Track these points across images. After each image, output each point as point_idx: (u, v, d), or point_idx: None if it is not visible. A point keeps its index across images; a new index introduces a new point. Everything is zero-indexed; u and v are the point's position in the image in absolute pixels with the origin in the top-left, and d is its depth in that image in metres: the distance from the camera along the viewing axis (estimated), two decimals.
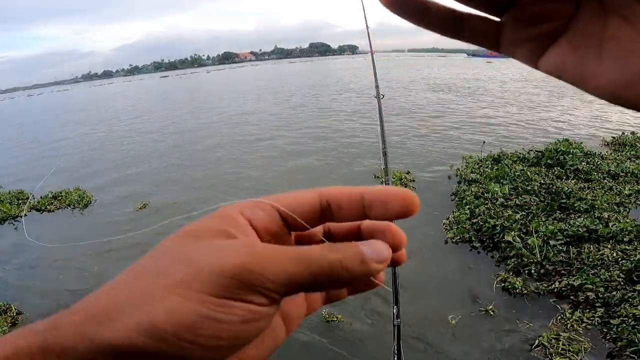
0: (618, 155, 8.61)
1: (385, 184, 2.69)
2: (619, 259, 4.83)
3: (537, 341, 3.76)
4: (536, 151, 8.64)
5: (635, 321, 3.87)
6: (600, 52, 0.29)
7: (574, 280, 4.51)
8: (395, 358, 1.98)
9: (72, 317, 0.29)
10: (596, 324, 3.94)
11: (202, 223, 0.33)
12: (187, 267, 0.29)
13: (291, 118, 16.91)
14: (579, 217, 5.82)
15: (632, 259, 4.78)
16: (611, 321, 3.90)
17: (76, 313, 0.29)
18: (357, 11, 3.70)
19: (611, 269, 4.66)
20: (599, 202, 6.23)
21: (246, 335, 0.31)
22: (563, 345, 3.71)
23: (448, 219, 6.17)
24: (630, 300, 4.15)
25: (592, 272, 4.63)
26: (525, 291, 4.49)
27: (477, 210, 6.19)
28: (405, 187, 6.06)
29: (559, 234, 5.39)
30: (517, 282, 4.60)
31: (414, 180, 7.48)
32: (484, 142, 9.33)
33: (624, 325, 3.88)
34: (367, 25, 3.71)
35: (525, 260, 4.93)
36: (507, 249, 5.23)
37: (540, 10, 0.30)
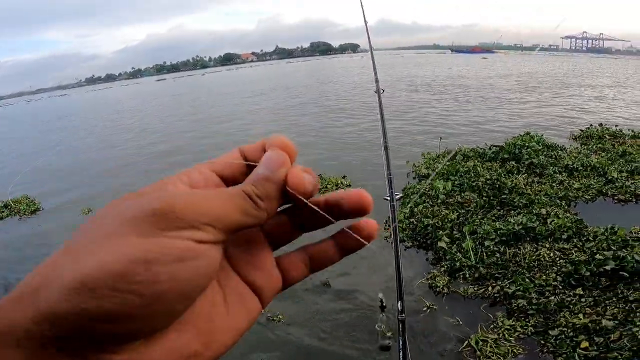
0: (584, 149, 8.24)
1: (388, 178, 2.67)
2: (557, 259, 4.45)
3: (465, 342, 3.47)
4: (494, 145, 8.38)
5: (575, 332, 3.45)
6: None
7: (507, 287, 4.11)
8: (401, 353, 1.97)
9: (10, 296, 0.28)
10: (529, 333, 3.55)
11: (139, 191, 0.34)
12: (114, 219, 0.30)
13: None
14: (518, 213, 5.45)
15: (570, 258, 4.41)
16: (550, 332, 3.50)
17: (13, 292, 0.28)
18: (358, 9, 3.67)
19: (548, 271, 4.27)
20: (539, 197, 5.86)
21: (186, 277, 0.29)
22: (490, 348, 3.41)
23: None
24: (571, 307, 3.72)
25: (528, 275, 4.24)
26: (447, 291, 4.17)
27: (417, 208, 5.87)
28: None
29: (493, 233, 4.99)
30: (441, 281, 4.28)
31: (349, 185, 6.95)
32: (440, 137, 9.06)
33: (563, 336, 3.48)
34: (365, 22, 3.67)
35: (458, 264, 4.54)
36: (440, 251, 4.88)
37: None
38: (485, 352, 3.41)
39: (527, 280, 4.14)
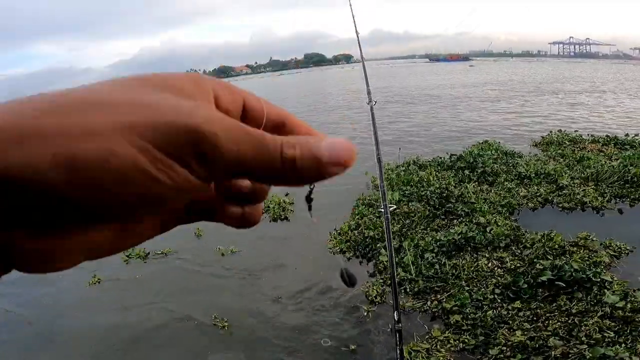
0: (543, 156, 8.05)
1: (380, 190, 2.62)
2: (495, 269, 4.22)
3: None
4: (452, 155, 8.20)
5: (513, 351, 3.16)
6: None
7: (445, 301, 3.85)
8: None
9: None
10: (462, 347, 3.31)
11: (170, 77, 0.28)
12: (143, 112, 0.24)
13: None
14: (461, 222, 5.24)
15: (508, 267, 4.19)
16: (490, 351, 3.22)
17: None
18: (350, 20, 3.60)
19: (488, 282, 4.01)
20: (480, 205, 5.62)
21: (163, 202, 0.25)
22: (421, 359, 3.25)
23: (335, 229, 5.55)
24: (510, 322, 3.45)
25: (467, 288, 3.98)
26: (380, 301, 4.01)
27: (362, 220, 5.62)
28: (284, 211, 5.07)
29: (433, 245, 4.73)
30: (374, 291, 4.08)
31: (292, 203, 6.47)
32: (400, 148, 8.84)
33: (502, 356, 3.18)
34: (357, 33, 3.62)
35: (397, 278, 4.06)
36: (380, 265, 4.60)
37: None
38: None
39: (465, 294, 3.88)
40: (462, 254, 4.63)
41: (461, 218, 5.43)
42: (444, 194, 6.18)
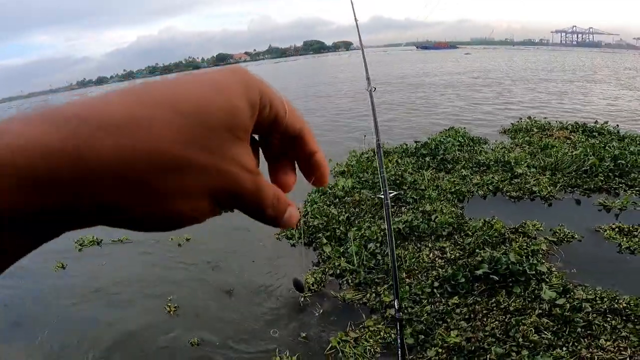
0: (510, 143, 7.82)
1: (380, 177, 2.64)
2: (436, 259, 4.01)
3: (329, 345, 3.18)
4: (416, 142, 7.98)
5: (449, 354, 2.95)
6: None
7: (384, 294, 3.65)
8: (399, 350, 1.99)
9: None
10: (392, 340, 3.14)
11: (239, 106, 0.29)
12: (223, 180, 0.28)
13: None
14: (409, 210, 5.06)
15: (448, 257, 4.00)
16: (427, 352, 3.03)
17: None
18: (349, 6, 3.56)
19: (428, 274, 3.79)
20: (429, 193, 5.44)
21: (171, 217, 0.28)
22: (350, 348, 3.12)
23: None
24: (448, 320, 3.22)
25: (408, 281, 3.78)
26: (317, 289, 3.90)
27: (311, 208, 5.45)
28: None
29: (378, 234, 4.51)
30: (311, 279, 3.97)
31: None
32: (365, 135, 8.22)
33: (437, 358, 2.96)
34: (355, 19, 3.57)
35: (338, 270, 4.11)
36: (324, 254, 4.44)
37: None
38: (347, 353, 3.08)
39: (406, 287, 3.66)
40: (406, 243, 4.41)
41: (409, 205, 5.22)
42: (398, 181, 5.95)
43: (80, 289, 4.41)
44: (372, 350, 3.11)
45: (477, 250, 3.96)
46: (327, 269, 4.16)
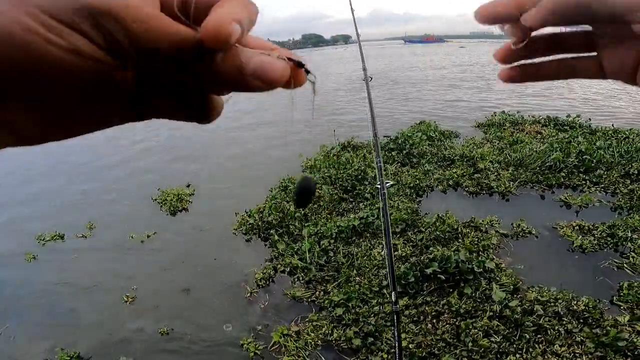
0: (482, 138, 7.66)
1: (377, 166, 2.48)
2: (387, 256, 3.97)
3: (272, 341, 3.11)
4: (385, 136, 7.82)
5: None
6: None
7: (332, 293, 3.46)
8: (396, 342, 1.97)
9: None
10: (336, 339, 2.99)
11: None
12: None
13: None
14: (366, 206, 4.89)
15: (399, 253, 3.82)
16: (373, 357, 2.83)
17: None
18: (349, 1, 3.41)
19: (379, 272, 3.61)
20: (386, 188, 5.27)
21: (65, 71, 0.23)
22: (292, 342, 3.03)
23: (246, 211, 5.22)
24: (391, 327, 2.92)
25: (357, 278, 3.61)
26: (264, 285, 3.81)
27: (269, 203, 5.25)
28: (181, 202, 5.73)
29: (332, 230, 4.32)
30: (260, 274, 3.84)
31: (192, 194, 6.11)
32: (334, 130, 8.42)
33: None
34: (352, 11, 3.50)
35: (289, 268, 3.96)
36: (276, 250, 4.29)
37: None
38: (289, 347, 2.98)
39: (355, 286, 3.47)
40: (361, 240, 4.21)
41: (367, 201, 5.04)
42: (360, 176, 5.79)
43: (44, 283, 4.33)
44: (312, 343, 2.98)
45: (430, 248, 3.76)
46: (278, 266, 3.95)
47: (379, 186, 2.37)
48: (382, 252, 3.91)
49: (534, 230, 4.07)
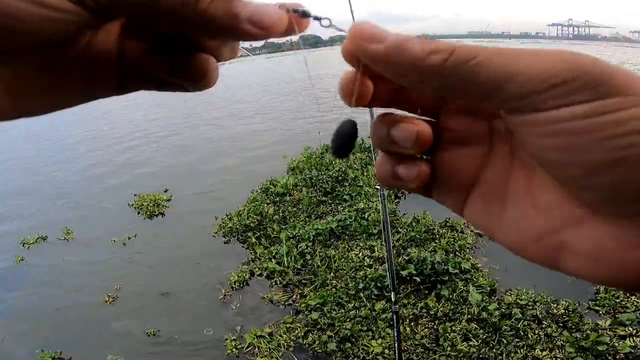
0: None
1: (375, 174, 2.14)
2: (365, 258, 3.69)
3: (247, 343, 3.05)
4: (369, 137, 8.00)
5: None
6: (504, 208, 0.26)
7: (308, 296, 3.36)
8: (396, 343, 1.98)
9: None
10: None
11: None
12: None
13: None
14: (344, 208, 4.79)
15: (376, 255, 3.71)
16: None
17: None
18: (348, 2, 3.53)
19: (356, 275, 3.50)
20: (364, 190, 5.14)
21: (32, 24, 0.21)
22: (265, 344, 2.98)
23: (227, 214, 5.15)
24: (374, 328, 2.87)
25: (334, 281, 3.52)
26: (238, 287, 3.76)
27: (247, 206, 5.15)
28: (158, 207, 5.58)
29: (310, 233, 4.25)
30: (234, 277, 3.77)
31: (169, 200, 5.99)
32: (319, 132, 7.99)
33: None
34: (351, 11, 3.56)
35: (266, 272, 3.88)
36: (253, 254, 4.22)
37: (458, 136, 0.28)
38: (262, 349, 2.91)
39: (332, 289, 3.36)
40: (338, 242, 4.09)
41: (346, 203, 4.94)
42: (340, 178, 5.67)
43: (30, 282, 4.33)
44: (285, 345, 2.89)
45: (408, 249, 3.75)
46: (255, 269, 3.83)
47: (378, 187, 2.38)
48: (360, 254, 3.85)
49: None
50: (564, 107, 0.20)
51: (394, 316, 2.04)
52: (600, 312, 2.74)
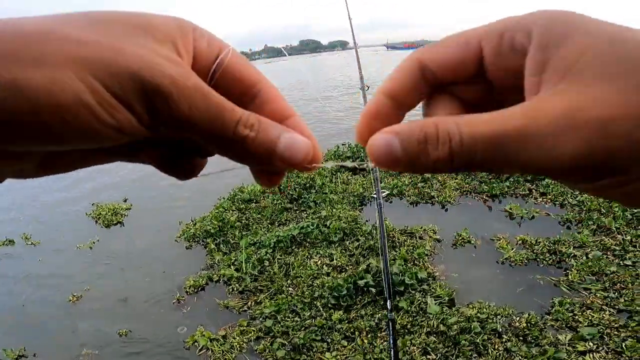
0: None
1: (373, 175, 2.37)
2: (323, 266, 3.56)
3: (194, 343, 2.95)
4: (343, 144, 7.64)
5: None
6: None
7: (264, 304, 3.22)
8: (392, 350, 1.96)
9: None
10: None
11: (156, 18, 0.25)
12: (102, 52, 0.21)
13: None
14: (308, 215, 4.68)
15: (334, 263, 3.61)
16: None
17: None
18: (348, 5, 3.38)
19: (313, 282, 3.37)
20: (329, 197, 5.07)
21: (101, 139, 0.23)
22: (217, 346, 2.89)
23: (192, 219, 5.06)
24: (329, 340, 2.72)
25: (290, 289, 3.41)
26: (192, 292, 3.67)
27: (212, 212, 5.07)
28: (116, 215, 5.45)
29: (271, 240, 4.15)
30: (191, 281, 3.69)
31: (129, 209, 5.91)
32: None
33: None
34: (349, 17, 3.39)
35: (223, 278, 3.77)
36: (212, 260, 4.11)
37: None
38: (215, 351, 2.82)
39: (287, 297, 3.23)
40: (299, 250, 3.94)
41: (310, 210, 4.79)
42: (307, 185, 5.52)
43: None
44: (238, 346, 2.78)
45: (370, 259, 3.65)
46: (214, 275, 3.67)
47: (374, 196, 2.34)
48: (319, 262, 3.64)
49: (473, 239, 3.80)
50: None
51: (390, 323, 2.03)
52: (556, 326, 2.61)
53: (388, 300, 2.01)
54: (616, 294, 2.75)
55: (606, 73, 0.20)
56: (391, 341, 1.97)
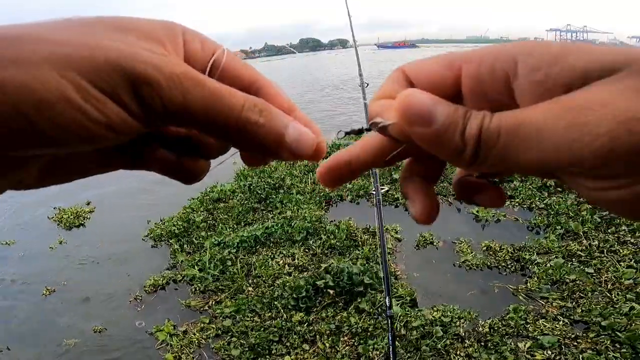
0: None
1: (372, 173, 2.30)
2: (285, 266, 3.43)
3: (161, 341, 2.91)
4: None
5: None
6: None
7: (224, 304, 3.11)
8: (390, 348, 1.95)
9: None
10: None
11: (140, 20, 0.24)
12: (83, 49, 0.21)
13: None
14: (274, 216, 4.54)
15: (296, 263, 3.49)
16: None
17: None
18: (348, 4, 3.39)
19: (275, 282, 3.24)
20: (295, 197, 4.90)
21: (94, 139, 0.22)
22: (177, 341, 2.82)
23: (162, 219, 4.91)
24: (288, 343, 2.59)
25: (251, 289, 3.28)
26: (152, 290, 3.55)
27: (179, 213, 4.92)
28: (78, 218, 5.12)
29: (235, 241, 4.04)
30: (151, 280, 3.57)
31: (92, 211, 5.75)
32: None
33: None
34: (349, 16, 3.42)
35: (184, 278, 3.65)
36: (174, 259, 4.01)
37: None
38: (174, 345, 2.76)
39: (245, 297, 3.11)
40: (263, 249, 3.81)
41: (277, 210, 4.65)
42: (277, 185, 5.32)
43: None
44: (197, 342, 2.70)
45: (331, 259, 3.57)
46: (177, 275, 3.54)
47: (374, 192, 2.31)
48: (281, 261, 3.52)
49: (435, 241, 3.67)
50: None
51: (389, 320, 1.98)
52: (509, 333, 2.53)
53: (387, 298, 2.02)
54: (574, 303, 2.69)
55: (627, 72, 0.20)
56: (390, 337, 1.98)
